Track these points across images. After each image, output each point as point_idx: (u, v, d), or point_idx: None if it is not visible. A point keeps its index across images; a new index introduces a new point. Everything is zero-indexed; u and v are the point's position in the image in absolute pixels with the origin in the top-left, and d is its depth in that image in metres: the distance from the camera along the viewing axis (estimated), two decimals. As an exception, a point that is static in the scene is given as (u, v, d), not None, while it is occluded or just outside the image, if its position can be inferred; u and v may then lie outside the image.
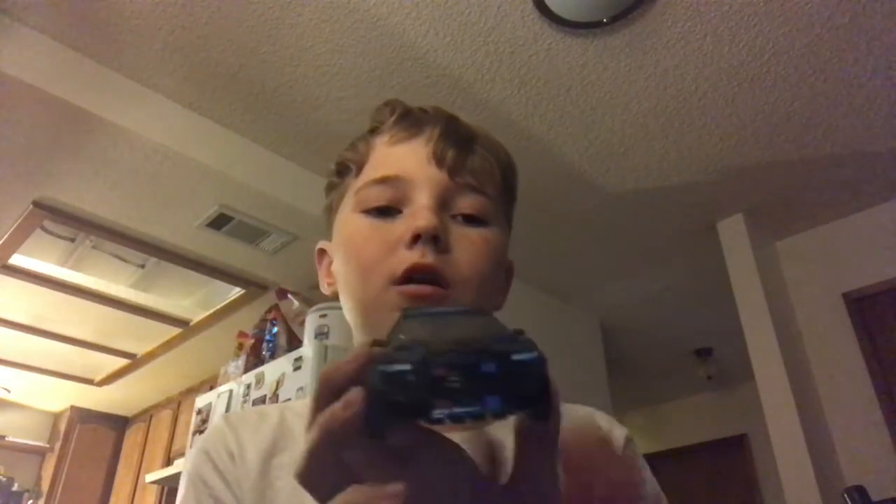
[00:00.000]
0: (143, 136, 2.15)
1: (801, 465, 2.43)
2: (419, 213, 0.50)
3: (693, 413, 4.95)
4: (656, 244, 3.10)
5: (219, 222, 2.53)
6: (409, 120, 0.57)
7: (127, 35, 2.00)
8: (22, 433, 4.61)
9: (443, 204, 0.52)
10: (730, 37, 2.00)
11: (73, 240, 2.80)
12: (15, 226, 2.52)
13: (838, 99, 2.25)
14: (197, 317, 3.36)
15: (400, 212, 0.52)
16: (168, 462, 3.90)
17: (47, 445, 4.66)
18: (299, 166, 2.52)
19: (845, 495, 1.91)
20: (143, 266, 3.02)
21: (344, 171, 0.59)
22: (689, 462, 4.66)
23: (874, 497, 1.94)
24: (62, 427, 4.61)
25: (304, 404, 0.60)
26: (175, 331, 3.48)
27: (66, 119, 2.06)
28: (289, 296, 2.75)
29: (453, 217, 0.52)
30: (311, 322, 2.47)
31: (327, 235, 0.63)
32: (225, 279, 2.93)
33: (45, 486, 4.39)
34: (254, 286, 2.97)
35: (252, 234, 2.61)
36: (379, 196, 0.53)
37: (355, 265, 0.53)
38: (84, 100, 2.03)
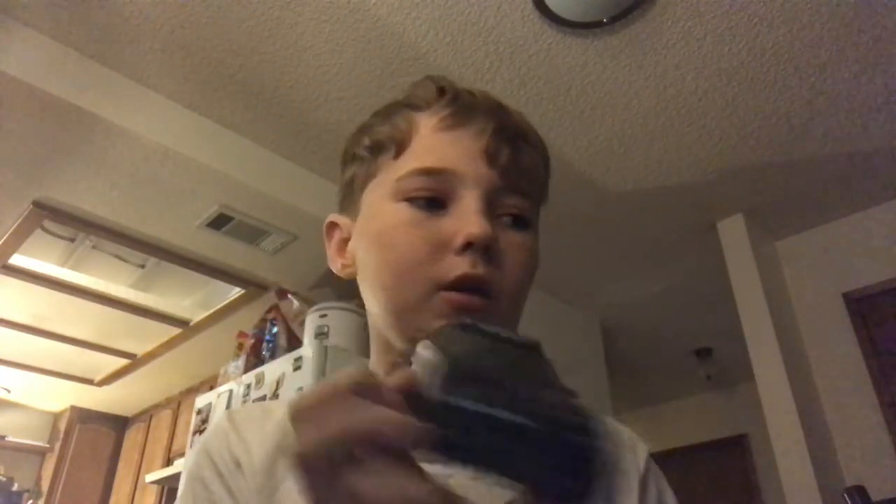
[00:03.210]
0: (143, 136, 2.15)
1: (801, 465, 2.43)
2: (472, 219, 0.47)
3: (693, 413, 4.94)
4: (656, 244, 3.09)
5: (219, 222, 2.53)
6: (460, 105, 0.53)
7: (127, 35, 2.00)
8: (22, 433, 4.61)
9: (490, 206, 0.49)
10: (730, 37, 2.00)
11: (73, 240, 2.80)
12: (15, 226, 2.52)
13: (838, 99, 2.25)
14: (197, 317, 3.36)
15: (444, 207, 0.49)
16: (168, 462, 3.90)
17: (47, 445, 4.66)
18: (299, 166, 2.52)
19: (845, 495, 1.91)
20: (143, 266, 3.02)
21: (378, 148, 0.54)
22: (689, 462, 4.66)
23: (874, 497, 1.94)
24: (62, 427, 4.61)
25: None
26: (175, 331, 3.48)
27: (66, 119, 2.06)
28: (289, 296, 2.75)
29: (497, 217, 0.50)
30: (311, 322, 2.47)
31: (344, 209, 0.58)
32: (225, 279, 2.93)
33: (45, 486, 4.39)
34: (254, 286, 2.97)
35: (252, 234, 2.60)
36: (424, 187, 0.49)
37: (395, 262, 0.49)
38: (84, 100, 2.03)
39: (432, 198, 0.49)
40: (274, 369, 2.34)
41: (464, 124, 0.52)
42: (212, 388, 2.92)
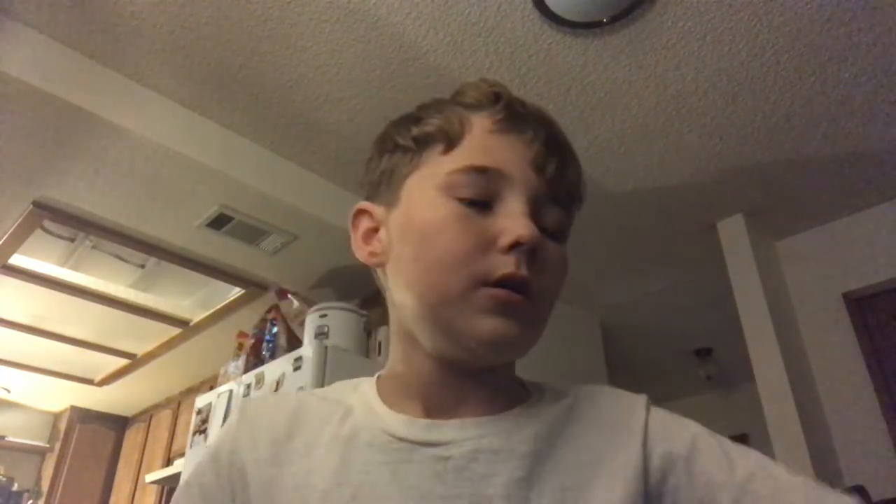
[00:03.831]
0: (143, 136, 2.15)
1: (801, 465, 2.43)
2: (521, 221, 0.49)
3: (693, 413, 4.73)
4: (656, 244, 3.10)
5: (219, 222, 2.53)
6: (515, 111, 0.55)
7: (127, 35, 2.00)
8: (22, 433, 4.61)
9: (534, 213, 0.51)
10: (730, 37, 2.00)
11: (73, 240, 2.80)
12: (15, 226, 2.52)
13: (838, 99, 2.25)
14: (197, 317, 3.36)
15: (489, 206, 0.50)
16: (168, 462, 3.90)
17: (47, 445, 4.66)
18: (299, 166, 2.52)
19: (845, 495, 1.91)
20: (143, 266, 3.02)
21: (426, 140, 0.54)
22: (689, 462, 4.65)
23: (874, 497, 1.94)
24: (62, 427, 4.61)
25: (331, 389, 0.60)
26: (175, 331, 3.48)
27: (66, 119, 2.06)
28: (289, 296, 2.75)
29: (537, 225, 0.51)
30: (311, 322, 2.47)
31: (376, 197, 0.57)
32: (225, 279, 2.93)
33: (45, 486, 4.39)
34: (254, 286, 2.97)
35: (252, 234, 2.61)
36: (474, 184, 0.50)
37: (441, 255, 0.49)
38: (84, 100, 2.03)
39: (479, 195, 0.50)
40: (274, 369, 2.34)
41: (516, 131, 0.54)
42: (212, 388, 2.92)
